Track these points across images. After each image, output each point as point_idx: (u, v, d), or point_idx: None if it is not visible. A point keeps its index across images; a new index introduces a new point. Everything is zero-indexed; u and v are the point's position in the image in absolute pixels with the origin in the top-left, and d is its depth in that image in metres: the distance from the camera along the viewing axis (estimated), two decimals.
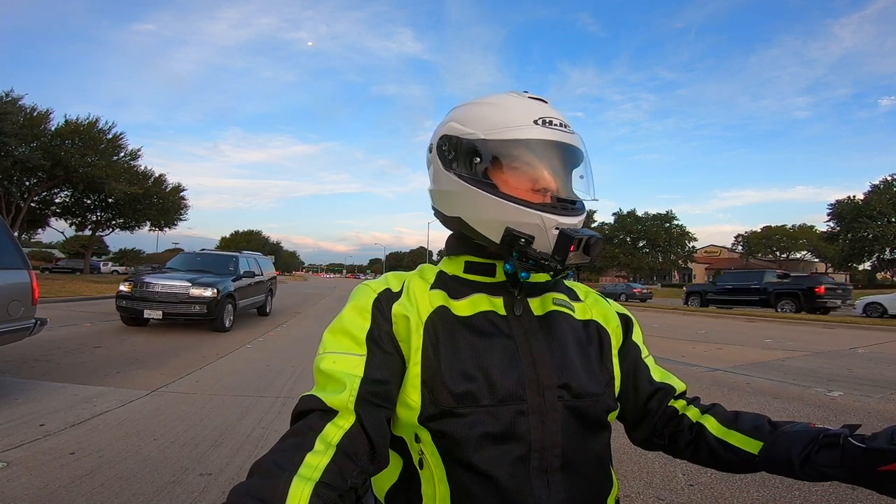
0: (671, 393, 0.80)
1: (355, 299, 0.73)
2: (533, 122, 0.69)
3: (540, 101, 0.74)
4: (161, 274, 8.78)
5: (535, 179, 0.70)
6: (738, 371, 5.90)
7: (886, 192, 34.45)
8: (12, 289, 4.03)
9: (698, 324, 12.71)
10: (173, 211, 32.02)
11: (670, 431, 0.79)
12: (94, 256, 40.96)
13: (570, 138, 0.71)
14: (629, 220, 49.56)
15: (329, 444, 0.58)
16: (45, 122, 23.63)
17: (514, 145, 0.69)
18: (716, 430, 0.74)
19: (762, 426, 0.70)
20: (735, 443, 0.71)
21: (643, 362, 0.82)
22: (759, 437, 0.69)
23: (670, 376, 0.83)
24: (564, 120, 0.72)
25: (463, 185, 0.71)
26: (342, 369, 0.64)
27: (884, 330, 11.16)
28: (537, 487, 0.64)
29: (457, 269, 0.77)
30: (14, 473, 2.48)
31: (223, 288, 8.30)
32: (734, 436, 0.72)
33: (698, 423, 0.76)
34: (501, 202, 0.68)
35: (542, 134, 0.69)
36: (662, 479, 2.67)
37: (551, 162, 0.70)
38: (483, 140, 0.70)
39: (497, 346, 0.69)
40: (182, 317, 7.89)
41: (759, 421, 0.71)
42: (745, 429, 0.71)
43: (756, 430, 0.70)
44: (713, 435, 0.73)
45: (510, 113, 0.70)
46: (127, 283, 8.10)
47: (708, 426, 0.75)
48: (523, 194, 0.69)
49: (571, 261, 0.66)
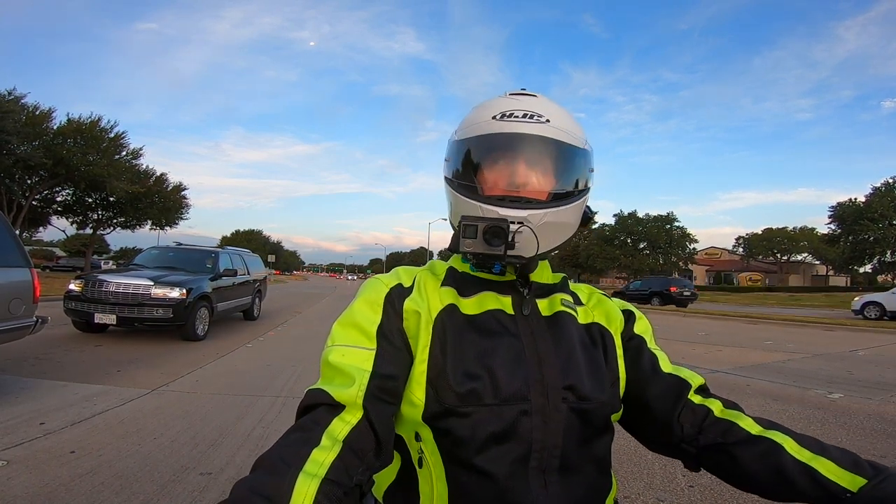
0: (686, 386, 0.74)
1: (367, 292, 0.72)
2: (492, 117, 0.71)
3: (522, 96, 0.73)
4: (119, 271, 7.67)
5: (487, 173, 0.71)
6: (738, 373, 5.90)
7: (888, 195, 34.36)
8: (13, 287, 4.03)
9: (698, 325, 12.69)
10: (174, 210, 31.98)
11: (708, 441, 0.69)
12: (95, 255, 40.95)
13: (533, 128, 0.69)
14: (630, 222, 49.43)
15: (336, 439, 0.57)
16: (48, 120, 23.61)
17: (470, 143, 0.73)
18: (798, 454, 0.63)
19: (859, 461, 0.61)
20: (827, 473, 0.61)
21: (649, 351, 0.78)
22: (860, 472, 0.59)
23: (683, 370, 0.77)
24: (535, 110, 0.70)
25: (445, 184, 0.77)
26: (351, 363, 0.64)
27: (884, 332, 11.14)
28: (535, 488, 0.64)
29: (465, 265, 0.77)
30: (14, 472, 2.48)
31: (195, 288, 7.04)
32: (826, 464, 0.61)
33: (768, 439, 0.66)
34: (458, 196, 0.71)
35: (497, 127, 0.70)
36: (662, 480, 2.66)
37: (504, 154, 0.70)
38: (456, 142, 0.75)
39: (503, 345, 0.69)
40: (142, 322, 6.59)
41: (853, 455, 0.62)
42: (837, 458, 0.62)
43: (854, 464, 0.61)
44: (793, 458, 0.63)
45: (480, 112, 0.73)
46: (77, 282, 6.76)
47: (786, 447, 0.64)
48: (484, 189, 0.71)
49: (467, 249, 0.65)
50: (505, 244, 0.64)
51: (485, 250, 0.65)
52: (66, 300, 6.77)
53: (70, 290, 6.74)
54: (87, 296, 6.59)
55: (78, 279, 6.91)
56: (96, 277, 6.79)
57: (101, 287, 6.58)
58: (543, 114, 0.71)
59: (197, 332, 7.04)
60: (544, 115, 0.71)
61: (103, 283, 6.61)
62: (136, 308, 6.54)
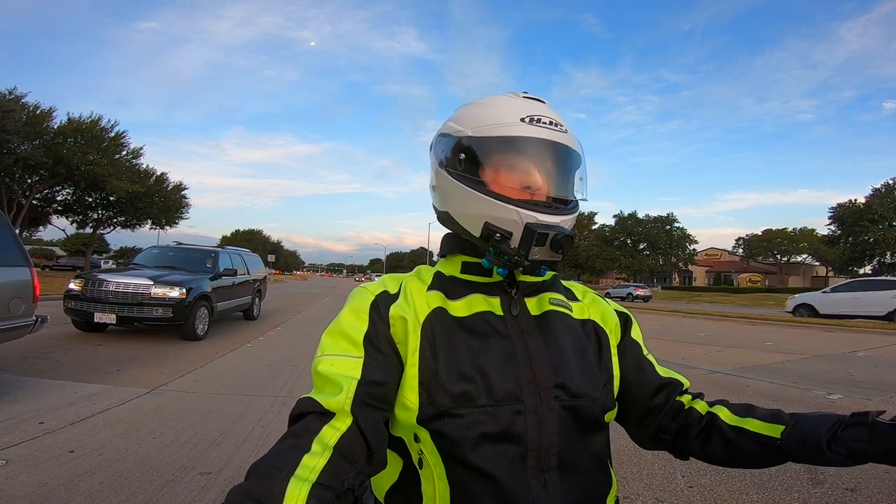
0: (678, 388, 0.80)
1: (353, 302, 0.73)
2: (520, 119, 0.70)
3: (534, 101, 0.74)
4: (119, 271, 7.66)
5: (518, 176, 0.70)
6: (738, 374, 5.90)
7: (888, 196, 34.41)
8: (13, 286, 4.03)
9: (698, 326, 12.70)
10: (174, 209, 32.01)
11: (678, 425, 0.77)
12: (95, 254, 40.93)
13: (559, 137, 0.71)
14: (630, 223, 49.55)
15: (326, 445, 0.58)
16: (48, 119, 23.64)
17: (499, 142, 0.71)
18: (729, 419, 0.72)
19: (780, 413, 0.70)
20: (753, 429, 0.69)
21: (646, 359, 0.82)
22: (779, 421, 0.68)
23: (674, 373, 0.83)
24: (556, 119, 0.72)
25: (451, 180, 0.73)
26: (339, 371, 0.65)
27: (884, 334, 11.14)
28: (534, 486, 0.65)
29: (454, 269, 0.77)
30: (13, 471, 2.48)
31: (195, 287, 7.06)
32: (751, 422, 0.70)
33: (709, 413, 0.75)
34: (482, 197, 0.69)
35: (528, 131, 0.70)
36: (662, 480, 2.66)
37: (536, 159, 0.71)
38: (470, 137, 0.72)
39: (494, 346, 0.69)
40: (141, 321, 6.60)
41: (775, 410, 0.71)
42: (762, 415, 0.70)
43: (774, 416, 0.69)
44: (727, 424, 0.72)
45: (499, 111, 0.72)
46: (77, 281, 6.79)
47: (721, 415, 0.73)
48: (506, 191, 0.70)
49: (536, 256, 0.66)
50: (563, 252, 0.67)
51: (550, 257, 0.67)
52: (65, 299, 6.77)
53: (70, 290, 6.74)
54: (87, 295, 6.59)
55: (78, 278, 6.90)
56: (96, 277, 6.79)
57: (100, 286, 6.58)
58: (561, 122, 0.73)
59: (197, 332, 7.03)
60: (562, 124, 0.73)
61: (103, 283, 6.60)
62: (136, 307, 6.53)
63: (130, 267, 8.11)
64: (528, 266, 0.68)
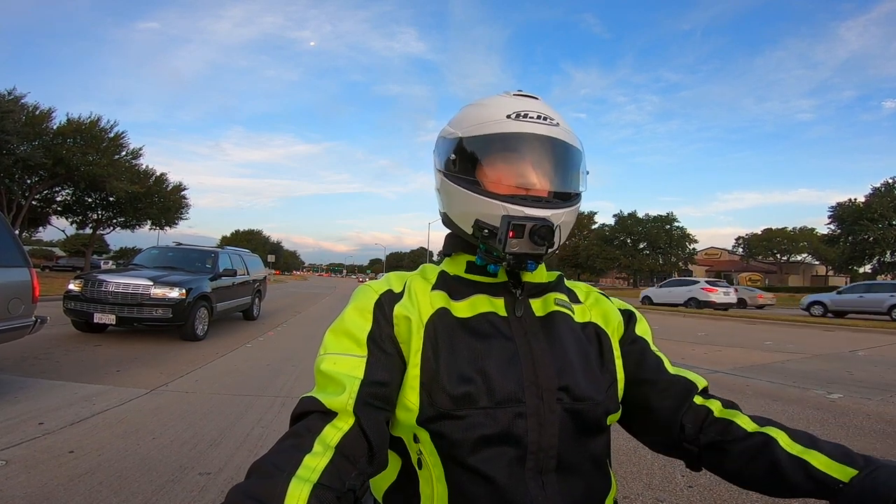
0: (691, 388, 0.74)
1: (357, 300, 0.73)
2: (506, 116, 0.70)
3: (526, 98, 0.74)
4: (119, 271, 7.64)
5: (508, 172, 0.70)
6: (738, 373, 5.90)
7: (887, 195, 34.35)
8: (13, 287, 4.03)
9: (698, 326, 12.69)
10: (174, 210, 31.97)
11: (709, 438, 0.70)
12: (95, 255, 40.92)
13: (549, 130, 0.70)
14: (630, 222, 49.49)
15: (327, 445, 0.58)
16: (47, 120, 23.60)
17: (486, 140, 0.71)
18: (790, 447, 0.64)
19: (850, 454, 0.61)
20: (818, 465, 0.61)
21: (653, 354, 0.78)
22: (851, 464, 0.59)
23: (687, 372, 0.77)
24: (546, 113, 0.72)
25: (446, 181, 0.74)
26: (342, 371, 0.64)
27: (884, 333, 11.14)
28: (532, 489, 0.65)
29: (458, 269, 0.77)
30: (12, 472, 2.47)
31: (195, 288, 7.07)
32: (817, 457, 0.62)
33: (762, 434, 0.67)
34: (473, 196, 0.69)
35: (514, 127, 0.69)
36: (662, 480, 2.66)
37: (525, 154, 0.70)
38: (461, 138, 0.73)
39: (496, 347, 0.69)
40: (141, 322, 6.62)
41: (843, 448, 0.62)
42: (830, 452, 0.62)
43: (845, 456, 0.61)
44: (786, 452, 0.63)
45: (488, 110, 0.72)
46: (77, 281, 6.80)
47: (780, 441, 0.65)
48: (497, 188, 0.69)
49: (514, 249, 0.65)
50: (547, 244, 0.65)
51: (531, 250, 0.65)
52: (65, 300, 6.77)
53: (69, 290, 6.74)
54: (87, 296, 6.59)
55: (77, 279, 6.90)
56: (96, 277, 6.79)
57: (100, 287, 6.58)
58: (552, 116, 0.72)
59: (196, 332, 7.03)
60: (553, 117, 0.72)
61: (103, 283, 6.60)
62: (136, 308, 6.54)
63: (130, 267, 8.11)
64: (512, 260, 0.66)
